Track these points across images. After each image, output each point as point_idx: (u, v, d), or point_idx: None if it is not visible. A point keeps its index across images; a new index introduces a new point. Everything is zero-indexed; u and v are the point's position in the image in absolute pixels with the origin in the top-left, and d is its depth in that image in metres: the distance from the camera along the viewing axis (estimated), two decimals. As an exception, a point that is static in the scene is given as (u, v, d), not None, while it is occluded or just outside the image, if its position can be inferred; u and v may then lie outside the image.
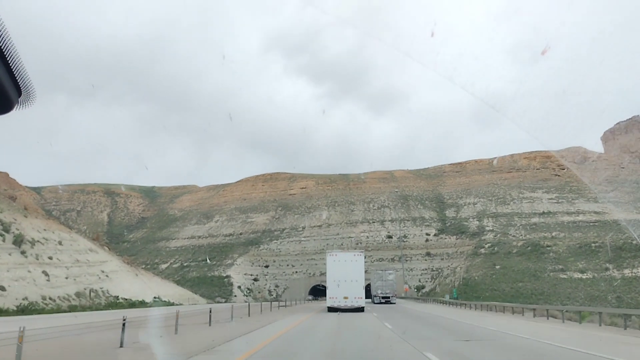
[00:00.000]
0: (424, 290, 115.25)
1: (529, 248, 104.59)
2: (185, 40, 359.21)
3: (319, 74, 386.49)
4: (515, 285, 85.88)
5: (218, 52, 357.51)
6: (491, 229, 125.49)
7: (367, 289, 67.40)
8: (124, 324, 14.45)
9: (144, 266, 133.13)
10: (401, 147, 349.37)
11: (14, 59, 2.00)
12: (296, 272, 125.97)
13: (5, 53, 1.97)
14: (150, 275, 70.20)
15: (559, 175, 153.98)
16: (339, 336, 18.82)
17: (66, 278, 48.19)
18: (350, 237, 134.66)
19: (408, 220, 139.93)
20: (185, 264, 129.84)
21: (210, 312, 25.45)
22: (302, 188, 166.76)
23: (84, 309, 42.39)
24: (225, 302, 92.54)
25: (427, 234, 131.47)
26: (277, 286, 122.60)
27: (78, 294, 46.90)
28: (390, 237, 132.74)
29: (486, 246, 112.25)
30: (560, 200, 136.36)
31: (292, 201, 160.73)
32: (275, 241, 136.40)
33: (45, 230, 53.33)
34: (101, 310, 43.67)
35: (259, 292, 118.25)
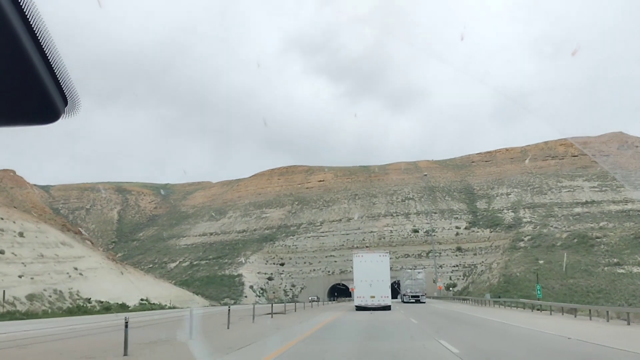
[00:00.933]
0: (455, 289, 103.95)
1: (575, 240, 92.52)
2: (204, 43, 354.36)
3: (338, 73, 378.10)
4: (566, 282, 74.20)
5: (238, 53, 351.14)
6: (529, 220, 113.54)
7: (395, 287, 60.54)
8: None
9: (151, 265, 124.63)
10: (423, 141, 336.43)
11: (60, 69, 2.06)
12: (314, 270, 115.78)
13: (52, 62, 2.02)
14: (140, 274, 60.65)
15: (599, 162, 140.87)
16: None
17: (20, 277, 38.71)
18: (372, 231, 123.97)
19: (435, 213, 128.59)
20: (195, 263, 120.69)
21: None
22: (320, 181, 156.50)
23: (29, 315, 32.63)
24: (234, 303, 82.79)
25: (457, 227, 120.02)
26: (293, 286, 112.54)
27: (31, 297, 37.34)
28: (416, 231, 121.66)
29: (525, 239, 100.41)
30: (604, 189, 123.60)
31: (309, 195, 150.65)
32: (291, 237, 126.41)
33: (3, 219, 43.87)
34: (56, 316, 34.05)
35: (274, 292, 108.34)
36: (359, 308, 38.06)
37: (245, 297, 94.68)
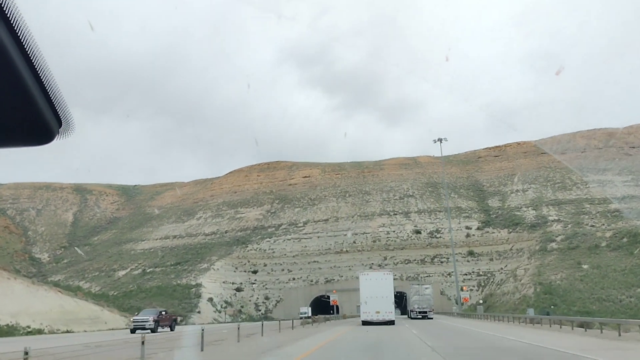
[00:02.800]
0: (469, 303, 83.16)
1: (625, 239, 72.01)
2: (198, 54, 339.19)
3: (333, 85, 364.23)
4: (635, 291, 53.35)
5: (233, 64, 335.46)
6: (556, 218, 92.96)
7: (400, 303, 57.89)
8: None
9: (96, 273, 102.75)
10: (421, 143, 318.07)
11: (53, 90, 2.08)
12: (293, 278, 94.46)
13: (45, 84, 2.04)
14: (11, 282, 38.97)
15: (630, 155, 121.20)
16: None
17: None
18: (365, 232, 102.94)
19: (440, 212, 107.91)
20: (149, 270, 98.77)
21: None
22: (305, 177, 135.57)
23: None
24: (181, 322, 61.16)
25: (468, 228, 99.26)
26: (267, 298, 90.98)
27: None
28: (418, 232, 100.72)
29: (558, 239, 79.83)
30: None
31: (292, 193, 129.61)
32: (267, 240, 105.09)
33: None
34: None
35: (241, 307, 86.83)
36: (365, 323, 38.96)
37: (199, 312, 73.04)
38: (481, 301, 74.30)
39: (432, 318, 51.46)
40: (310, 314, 70.78)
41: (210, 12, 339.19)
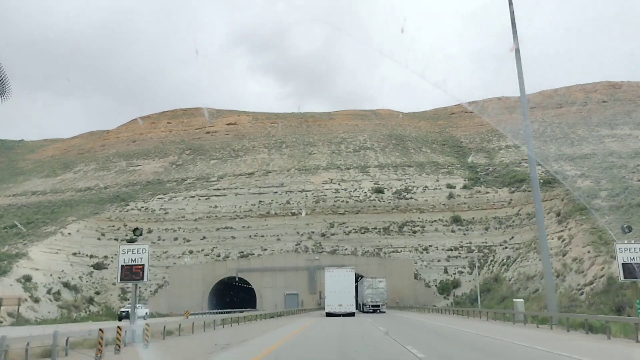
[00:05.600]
0: (459, 292, 53.69)
1: None
2: (146, 33, 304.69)
3: (286, 73, 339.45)
4: None
5: (181, 45, 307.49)
6: (578, 173, 64.95)
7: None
8: None
9: None
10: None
11: None
12: (190, 251, 61.92)
13: None
14: None
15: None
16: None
17: None
18: (304, 190, 71.54)
19: (410, 166, 78.13)
20: (-33, 235, 63.36)
21: None
22: (230, 124, 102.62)
23: None
24: None
25: (450, 187, 69.73)
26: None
27: None
28: (379, 190, 70.27)
29: (603, 195, 51.28)
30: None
31: (210, 142, 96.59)
32: (161, 197, 71.80)
33: None
34: None
35: (97, 293, 53.67)
36: (329, 314, 41.00)
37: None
38: (461, 291, 44.59)
39: (384, 312, 48.29)
40: (144, 314, 38.00)
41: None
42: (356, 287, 48.05)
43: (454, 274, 56.74)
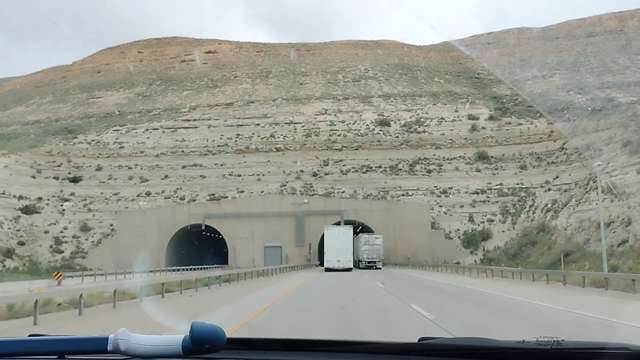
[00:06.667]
0: (489, 245, 41.69)
1: None
2: None
3: (282, 25, 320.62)
4: None
5: None
6: (633, 98, 52.00)
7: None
8: None
9: None
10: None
11: None
12: (148, 193, 49.42)
13: None
14: None
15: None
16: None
17: None
18: (294, 122, 58.61)
19: (420, 96, 64.92)
20: None
21: None
22: (209, 52, 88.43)
23: None
24: None
25: (473, 118, 56.81)
26: (85, 229, 45.59)
27: None
28: (385, 123, 57.45)
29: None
30: None
31: (185, 72, 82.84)
32: (117, 129, 58.74)
33: None
34: None
35: (20, 244, 41.44)
36: (328, 269, 41.05)
37: None
38: (493, 244, 32.87)
39: (380, 268, 45.25)
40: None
41: None
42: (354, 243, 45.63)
43: (482, 222, 44.68)
